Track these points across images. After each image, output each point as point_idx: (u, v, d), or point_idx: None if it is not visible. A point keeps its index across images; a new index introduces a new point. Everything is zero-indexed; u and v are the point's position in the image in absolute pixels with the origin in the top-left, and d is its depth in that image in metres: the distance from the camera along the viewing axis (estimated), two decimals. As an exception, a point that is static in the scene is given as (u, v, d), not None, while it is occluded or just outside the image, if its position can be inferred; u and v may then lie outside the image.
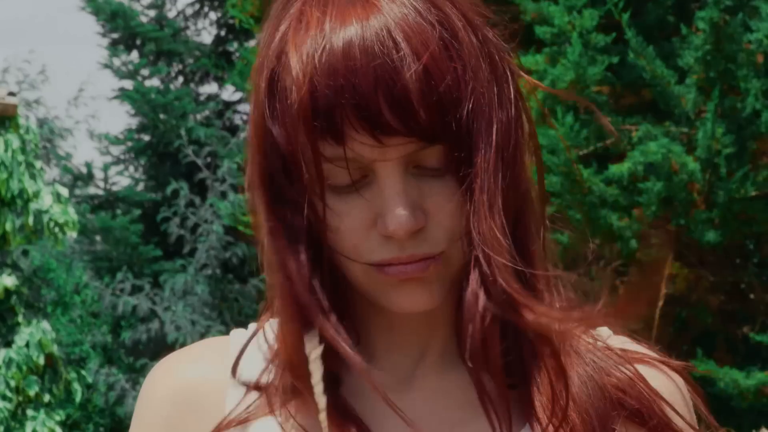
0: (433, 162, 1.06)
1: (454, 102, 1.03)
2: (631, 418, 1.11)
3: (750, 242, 8.07)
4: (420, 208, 1.06)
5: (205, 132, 14.59)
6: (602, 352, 1.14)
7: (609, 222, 6.86)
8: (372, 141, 1.03)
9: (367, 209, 1.06)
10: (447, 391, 1.13)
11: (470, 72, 1.04)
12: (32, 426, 9.14)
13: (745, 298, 8.12)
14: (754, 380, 6.99)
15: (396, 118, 1.02)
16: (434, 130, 1.03)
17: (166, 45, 15.48)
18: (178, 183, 14.27)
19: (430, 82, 1.02)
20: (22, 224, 9.22)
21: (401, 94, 1.01)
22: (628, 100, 7.52)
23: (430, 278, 1.07)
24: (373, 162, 1.04)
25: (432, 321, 1.13)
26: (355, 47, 1.02)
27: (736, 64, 6.66)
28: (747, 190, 6.81)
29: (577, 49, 6.72)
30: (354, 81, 1.02)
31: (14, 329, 9.32)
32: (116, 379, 14.01)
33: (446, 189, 1.06)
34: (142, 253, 14.61)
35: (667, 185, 6.74)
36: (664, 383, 1.15)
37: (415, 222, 1.04)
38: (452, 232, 1.06)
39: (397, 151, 1.04)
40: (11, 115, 9.20)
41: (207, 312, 13.78)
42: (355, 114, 1.02)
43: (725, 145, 6.67)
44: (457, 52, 1.04)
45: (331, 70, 1.02)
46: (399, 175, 1.05)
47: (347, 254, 1.08)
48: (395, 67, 1.02)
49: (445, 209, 1.06)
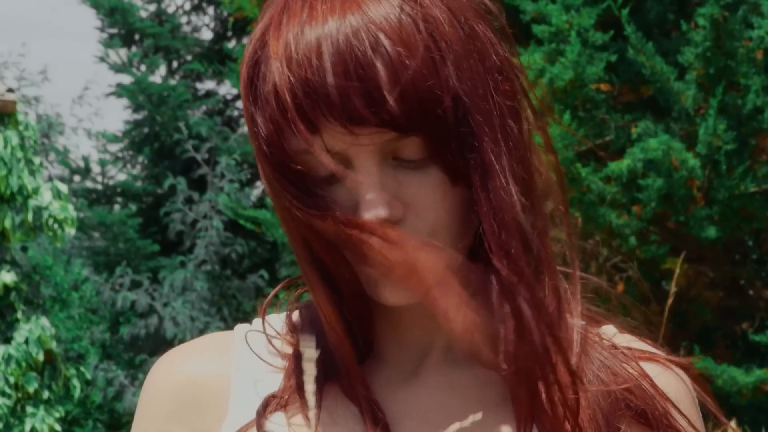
0: (412, 153, 1.05)
1: (430, 93, 1.03)
2: (636, 418, 1.11)
3: (749, 238, 8.07)
4: (398, 199, 1.05)
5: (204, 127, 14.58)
6: (608, 351, 1.14)
7: (608, 219, 6.86)
8: (344, 131, 1.03)
9: (348, 200, 1.06)
10: (452, 387, 1.13)
11: (452, 64, 1.04)
12: (31, 423, 9.13)
13: (744, 294, 8.13)
14: (752, 377, 6.99)
15: (367, 108, 1.02)
16: (408, 120, 1.03)
17: (165, 41, 15.47)
18: (175, 179, 14.26)
19: (402, 72, 1.02)
20: (22, 221, 9.21)
21: (372, 84, 1.02)
22: (627, 97, 7.52)
23: None
24: (348, 152, 1.04)
25: (435, 317, 1.13)
26: (331, 38, 1.03)
27: (736, 60, 6.66)
28: (747, 187, 6.81)
29: (576, 48, 6.72)
30: (326, 71, 1.02)
31: (13, 326, 9.31)
32: (114, 375, 14.00)
33: (428, 181, 1.06)
34: (140, 248, 14.60)
35: (666, 182, 6.74)
36: (670, 381, 1.15)
37: (389, 212, 1.04)
38: (434, 225, 1.06)
39: (371, 140, 1.04)
40: (10, 112, 9.20)
41: (206, 308, 13.78)
42: (327, 104, 1.02)
43: (726, 142, 6.67)
44: (436, 44, 1.04)
45: (305, 60, 1.03)
46: (374, 165, 1.05)
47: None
48: (367, 58, 1.02)
49: (425, 202, 1.06)
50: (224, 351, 1.17)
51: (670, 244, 7.25)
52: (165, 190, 14.81)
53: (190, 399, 1.15)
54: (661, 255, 7.14)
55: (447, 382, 1.14)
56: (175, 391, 1.16)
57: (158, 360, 1.19)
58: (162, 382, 1.17)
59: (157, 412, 1.16)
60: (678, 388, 1.15)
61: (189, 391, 1.16)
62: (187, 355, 1.18)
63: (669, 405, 1.12)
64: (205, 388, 1.16)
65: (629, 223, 6.93)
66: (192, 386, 1.16)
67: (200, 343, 1.19)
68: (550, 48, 6.95)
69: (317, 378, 1.09)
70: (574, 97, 6.91)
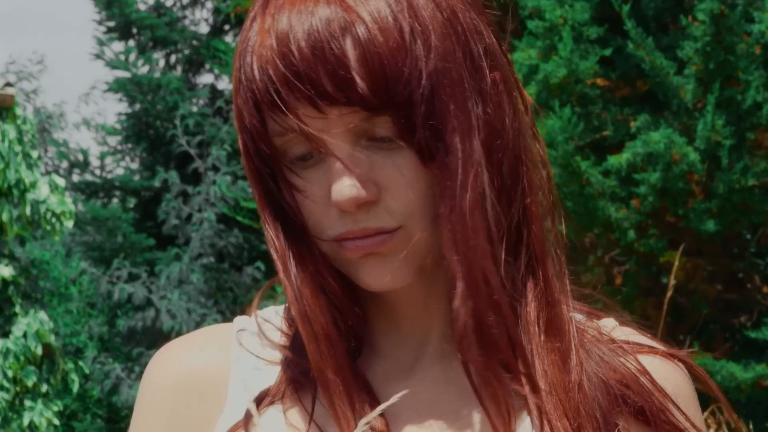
0: (383, 132, 1.06)
1: (399, 73, 1.03)
2: (634, 414, 1.11)
3: (748, 232, 8.07)
4: (371, 180, 1.06)
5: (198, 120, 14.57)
6: (606, 346, 1.13)
7: (607, 213, 6.86)
8: (314, 112, 1.04)
9: (324, 183, 1.07)
10: (449, 379, 1.13)
11: (424, 46, 1.04)
12: (30, 416, 9.13)
13: (742, 288, 8.13)
14: (751, 373, 7.00)
15: (335, 87, 1.03)
16: (377, 99, 1.03)
17: (162, 33, 15.45)
18: (167, 173, 14.27)
19: (372, 51, 1.03)
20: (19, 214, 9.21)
21: (341, 64, 1.02)
22: (623, 91, 7.52)
23: (390, 254, 1.07)
24: (321, 133, 1.05)
25: (430, 309, 1.13)
26: (304, 22, 1.04)
27: (736, 55, 6.66)
28: (746, 181, 6.81)
29: (569, 45, 6.72)
30: (297, 52, 1.03)
31: (11, 320, 9.31)
32: (111, 368, 14.01)
33: (401, 162, 1.06)
34: (136, 242, 14.60)
35: (664, 176, 6.74)
36: (670, 374, 1.14)
37: (360, 193, 1.04)
38: (409, 206, 1.06)
39: (342, 121, 1.04)
40: (8, 106, 9.19)
41: (203, 300, 13.79)
42: (297, 85, 1.03)
43: (725, 137, 6.67)
44: (410, 25, 1.04)
45: (279, 45, 1.04)
46: (346, 145, 1.05)
47: (312, 231, 1.08)
48: (337, 39, 1.03)
49: (399, 183, 1.06)
50: (223, 343, 1.17)
51: (668, 237, 7.25)
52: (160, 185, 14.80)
53: (190, 391, 1.15)
54: (659, 248, 7.14)
55: (445, 375, 1.13)
56: (175, 383, 1.16)
57: (157, 352, 1.19)
58: (161, 375, 1.17)
59: (158, 405, 1.16)
60: (677, 382, 1.14)
61: (189, 384, 1.16)
62: (187, 348, 1.18)
63: (667, 400, 1.12)
64: (204, 380, 1.15)
65: (628, 216, 6.93)
66: (192, 378, 1.16)
67: (199, 336, 1.20)
68: (544, 44, 6.94)
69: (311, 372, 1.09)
70: (569, 93, 6.91)
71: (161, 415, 1.15)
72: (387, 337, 1.15)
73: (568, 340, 1.11)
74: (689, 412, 1.13)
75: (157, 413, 1.16)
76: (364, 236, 1.06)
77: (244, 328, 1.18)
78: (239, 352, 1.16)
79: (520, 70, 6.96)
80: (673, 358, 1.15)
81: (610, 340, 1.14)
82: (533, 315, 1.11)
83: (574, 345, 1.10)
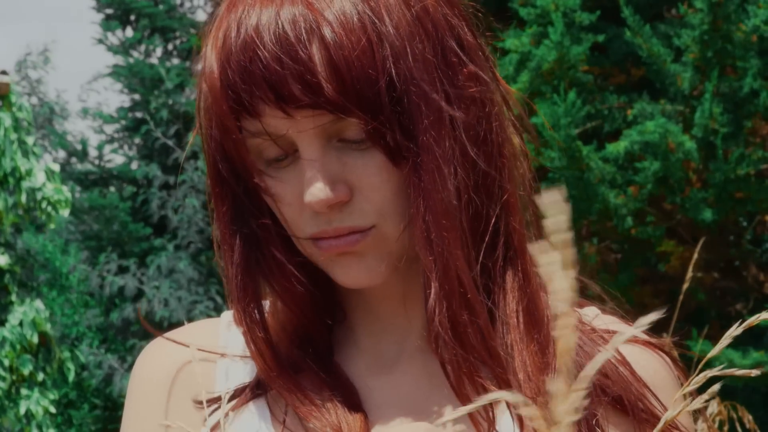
0: (354, 134, 1.06)
1: (365, 75, 1.03)
2: (613, 404, 1.10)
3: (744, 220, 8.08)
4: (342, 180, 1.06)
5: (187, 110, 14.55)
6: (587, 336, 1.13)
7: (606, 199, 6.86)
8: (282, 114, 1.04)
9: (297, 183, 1.07)
10: (430, 373, 1.13)
11: (390, 47, 1.04)
12: (26, 405, 9.13)
13: (738, 275, 8.14)
14: (750, 359, 7.01)
15: (302, 91, 1.03)
16: (343, 102, 1.03)
17: (161, 21, 15.43)
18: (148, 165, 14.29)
19: (338, 54, 1.02)
20: (15, 202, 9.19)
21: (307, 67, 1.02)
22: (618, 78, 7.52)
23: (363, 253, 1.08)
24: (292, 135, 1.05)
25: (408, 306, 1.14)
26: (270, 24, 1.04)
27: (733, 44, 6.65)
28: (743, 169, 6.81)
29: (559, 29, 6.71)
30: (263, 55, 1.03)
31: (7, 308, 9.31)
32: (104, 359, 14.03)
33: (372, 163, 1.06)
34: (133, 231, 14.60)
35: (663, 164, 6.74)
36: (648, 363, 1.14)
37: (331, 194, 1.05)
38: (382, 206, 1.07)
39: (310, 122, 1.04)
40: (4, 93, 9.17)
41: (194, 288, 13.80)
42: (264, 87, 1.03)
43: (722, 125, 6.67)
44: (375, 26, 1.04)
45: (243, 46, 1.04)
46: (316, 147, 1.05)
47: (289, 230, 1.09)
48: (303, 42, 1.03)
49: (370, 183, 1.06)
50: (211, 336, 1.18)
51: (665, 225, 7.25)
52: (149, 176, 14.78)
53: (179, 385, 1.16)
54: (656, 236, 7.14)
55: (425, 370, 1.13)
56: (164, 377, 1.17)
57: (146, 348, 1.20)
58: (151, 370, 1.18)
59: (148, 399, 1.17)
60: (656, 369, 1.14)
61: (178, 378, 1.16)
62: (174, 344, 1.18)
63: (645, 389, 1.12)
64: (191, 374, 1.16)
65: (626, 203, 6.93)
66: (179, 374, 1.16)
67: (187, 331, 1.20)
68: (536, 30, 6.94)
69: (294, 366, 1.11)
70: (561, 78, 6.90)
71: (152, 409, 1.16)
72: (367, 333, 1.15)
73: (547, 332, 1.10)
74: (667, 399, 1.13)
75: (147, 408, 1.16)
76: (338, 236, 1.07)
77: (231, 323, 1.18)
78: (226, 347, 1.17)
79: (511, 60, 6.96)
80: (653, 347, 1.15)
81: (591, 330, 1.13)
82: (512, 307, 1.11)
83: (552, 336, 1.10)
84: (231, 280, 1.12)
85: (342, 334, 1.17)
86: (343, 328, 1.17)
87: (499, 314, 1.11)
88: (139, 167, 14.60)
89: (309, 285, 1.11)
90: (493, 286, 1.11)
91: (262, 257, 1.11)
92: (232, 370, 1.16)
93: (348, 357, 1.15)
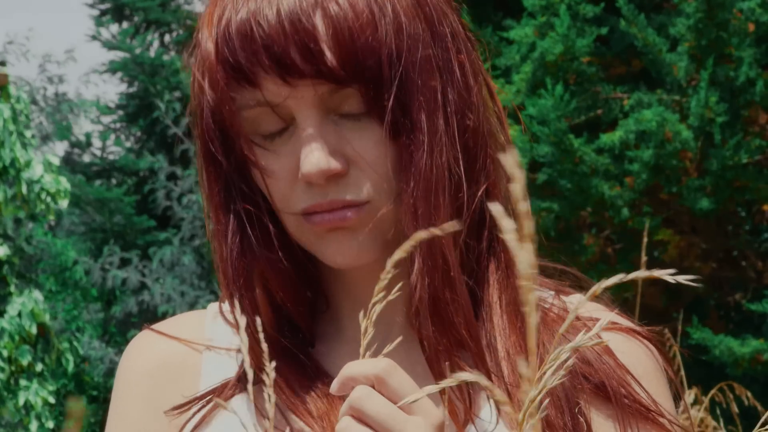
0: (352, 107, 1.07)
1: (367, 47, 1.04)
2: (595, 391, 1.11)
3: (742, 209, 8.08)
4: (340, 153, 1.06)
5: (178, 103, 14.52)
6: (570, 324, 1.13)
7: (600, 191, 6.86)
8: (282, 83, 1.05)
9: (292, 156, 1.07)
10: (414, 360, 1.13)
11: (393, 23, 1.06)
12: (25, 395, 9.14)
13: (736, 265, 8.14)
14: (749, 348, 7.01)
15: (303, 59, 1.04)
16: (344, 72, 1.04)
17: (155, 14, 15.40)
18: (155, 156, 14.26)
19: (341, 25, 1.04)
20: (14, 194, 9.19)
21: (310, 37, 1.04)
22: (618, 69, 7.52)
23: (355, 229, 1.08)
24: (290, 105, 1.06)
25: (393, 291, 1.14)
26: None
27: (728, 32, 6.65)
28: (740, 158, 6.82)
29: (566, 21, 6.72)
30: (265, 24, 1.04)
31: (6, 299, 9.32)
32: (105, 353, 14.02)
33: (369, 137, 1.07)
34: (137, 223, 14.59)
35: (658, 153, 6.74)
36: (631, 350, 1.14)
37: (328, 165, 1.05)
38: (377, 180, 1.07)
39: (309, 92, 1.05)
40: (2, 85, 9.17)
41: (196, 282, 13.79)
42: (265, 56, 1.04)
43: (718, 114, 6.67)
44: (379, 4, 1.06)
45: (245, 15, 1.05)
46: (315, 118, 1.06)
47: (279, 206, 1.09)
48: (306, 13, 1.04)
49: (367, 156, 1.07)
50: (197, 328, 1.19)
51: (662, 215, 7.26)
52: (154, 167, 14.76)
53: (166, 377, 1.17)
54: (653, 227, 7.15)
55: (409, 357, 1.13)
56: (150, 370, 1.17)
57: (132, 340, 1.21)
58: (136, 363, 1.18)
59: (134, 391, 1.17)
60: (638, 357, 1.14)
61: (163, 369, 1.17)
62: (160, 336, 1.19)
63: (628, 375, 1.12)
64: (177, 365, 1.17)
65: (622, 194, 6.93)
66: (165, 364, 1.17)
67: (173, 323, 1.21)
68: (540, 21, 6.94)
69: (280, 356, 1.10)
70: (566, 70, 6.91)
71: (138, 400, 1.17)
72: (352, 320, 1.15)
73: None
74: (650, 386, 1.13)
75: (133, 398, 1.17)
76: (331, 209, 1.07)
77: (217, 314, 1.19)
78: (212, 339, 1.18)
79: (519, 50, 6.96)
80: (636, 334, 1.15)
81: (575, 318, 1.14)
82: (495, 296, 1.12)
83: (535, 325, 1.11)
84: (225, 261, 1.12)
85: (326, 323, 1.17)
86: (326, 317, 1.17)
87: (482, 300, 1.12)
88: (143, 156, 14.56)
89: (294, 273, 1.12)
90: (477, 272, 1.12)
91: (254, 239, 1.11)
92: (217, 362, 1.16)
93: (332, 346, 1.16)
